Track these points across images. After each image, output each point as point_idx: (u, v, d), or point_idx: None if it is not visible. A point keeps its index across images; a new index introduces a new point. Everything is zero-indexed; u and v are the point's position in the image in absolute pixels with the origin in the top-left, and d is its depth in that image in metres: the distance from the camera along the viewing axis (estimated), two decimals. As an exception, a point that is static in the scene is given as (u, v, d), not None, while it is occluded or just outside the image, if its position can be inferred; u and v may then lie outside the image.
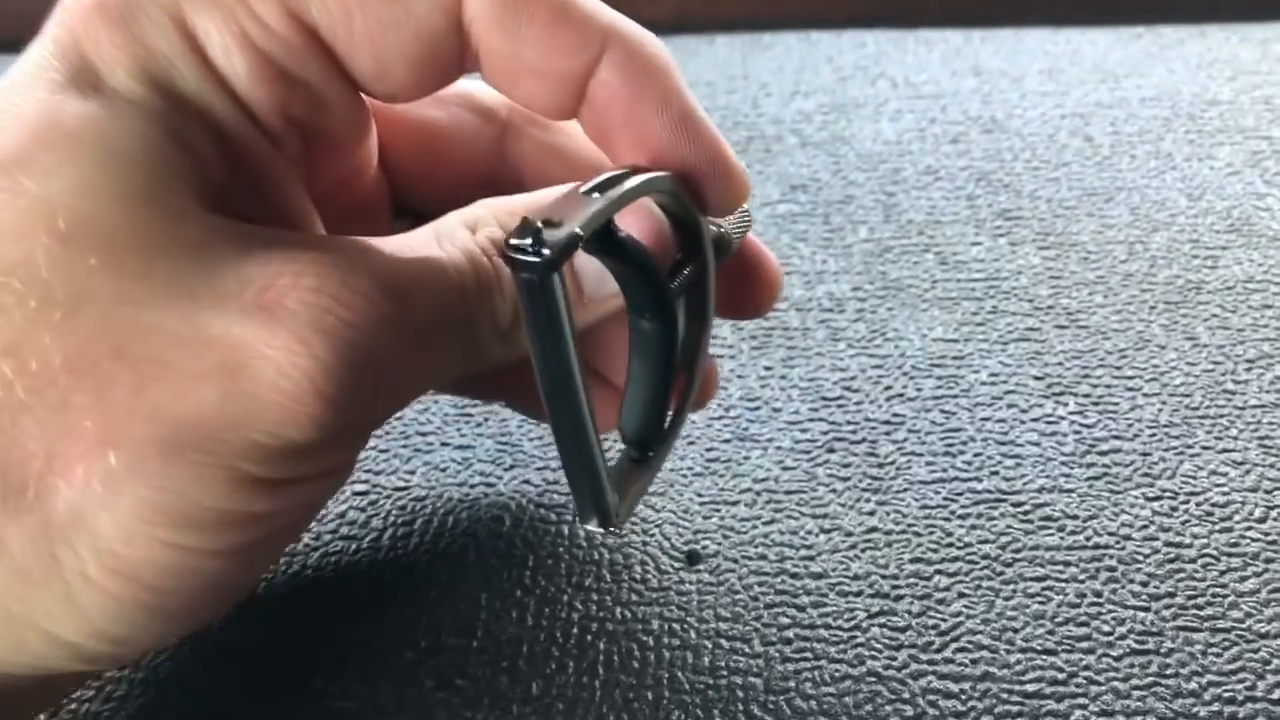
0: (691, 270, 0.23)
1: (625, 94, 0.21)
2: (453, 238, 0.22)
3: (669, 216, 0.23)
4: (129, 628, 0.20)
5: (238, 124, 0.21)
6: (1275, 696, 0.24)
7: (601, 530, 0.22)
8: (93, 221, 0.19)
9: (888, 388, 0.32)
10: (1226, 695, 0.24)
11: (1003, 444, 0.30)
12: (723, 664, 0.25)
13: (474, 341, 0.22)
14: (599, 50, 0.21)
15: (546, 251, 0.18)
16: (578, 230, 0.18)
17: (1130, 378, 0.33)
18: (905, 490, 0.29)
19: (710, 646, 0.25)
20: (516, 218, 0.20)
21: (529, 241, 0.18)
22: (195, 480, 0.19)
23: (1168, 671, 0.24)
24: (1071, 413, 0.31)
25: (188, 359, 0.19)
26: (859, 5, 0.56)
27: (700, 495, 0.29)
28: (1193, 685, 0.24)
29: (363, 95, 0.23)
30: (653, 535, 0.28)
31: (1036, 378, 0.33)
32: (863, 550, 0.27)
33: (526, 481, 0.29)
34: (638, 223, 0.22)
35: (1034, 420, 0.31)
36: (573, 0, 0.21)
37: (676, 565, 0.27)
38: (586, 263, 0.22)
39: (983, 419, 0.31)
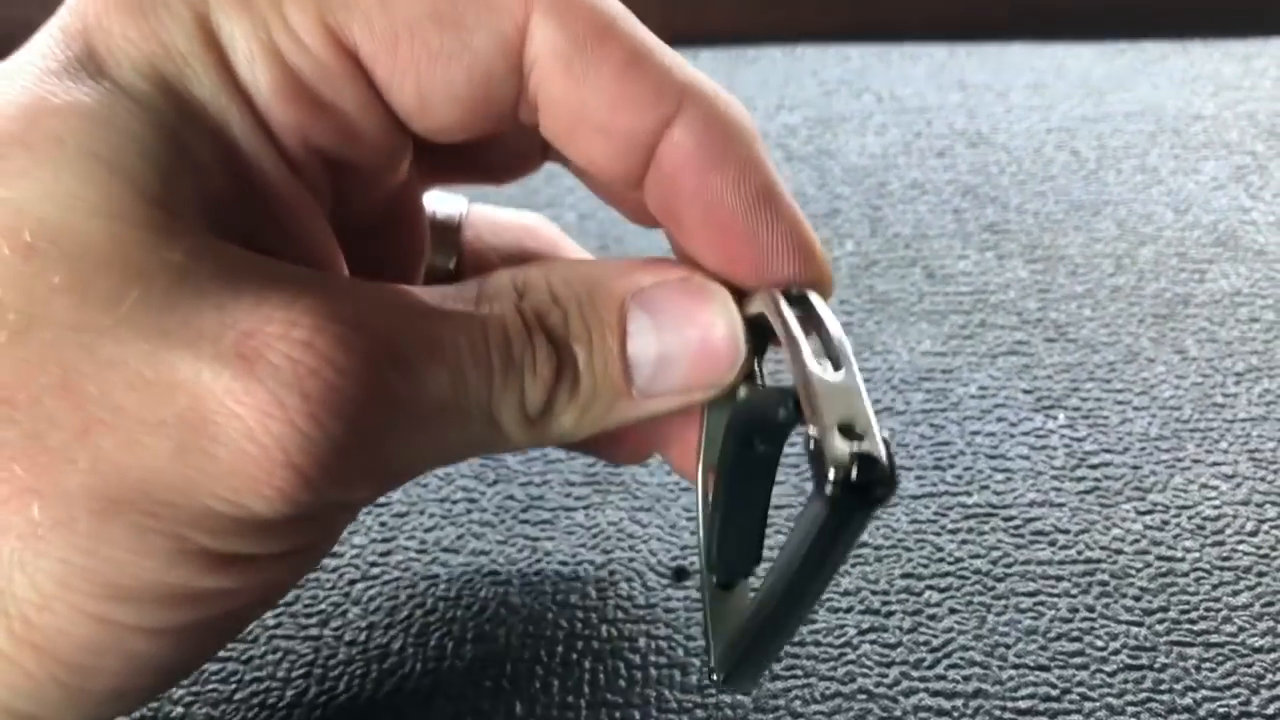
0: None
1: (699, 160, 0.19)
2: (497, 301, 0.19)
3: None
4: (39, 705, 0.18)
5: (253, 142, 0.18)
6: (1270, 711, 0.23)
7: (738, 692, 0.23)
8: (63, 235, 0.16)
9: (876, 401, 0.32)
10: (1221, 710, 0.23)
11: (993, 458, 0.30)
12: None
13: (493, 424, 0.19)
14: (674, 108, 0.19)
15: (881, 490, 0.16)
16: (894, 459, 0.16)
17: (1120, 391, 0.32)
18: (895, 505, 0.29)
19: (698, 664, 0.25)
20: (572, 288, 0.18)
21: (874, 477, 0.16)
22: (133, 546, 0.16)
23: (1161, 687, 0.24)
24: (1061, 426, 0.31)
25: (143, 404, 0.16)
26: (843, 20, 0.56)
27: (687, 510, 0.28)
28: (1187, 700, 0.24)
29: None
30: (639, 551, 0.27)
31: (1026, 391, 0.32)
32: (852, 566, 0.27)
33: (510, 497, 0.29)
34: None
35: (1024, 434, 0.31)
36: (651, 49, 0.19)
37: (663, 581, 0.27)
38: (643, 349, 0.19)
39: (972, 433, 0.31)
